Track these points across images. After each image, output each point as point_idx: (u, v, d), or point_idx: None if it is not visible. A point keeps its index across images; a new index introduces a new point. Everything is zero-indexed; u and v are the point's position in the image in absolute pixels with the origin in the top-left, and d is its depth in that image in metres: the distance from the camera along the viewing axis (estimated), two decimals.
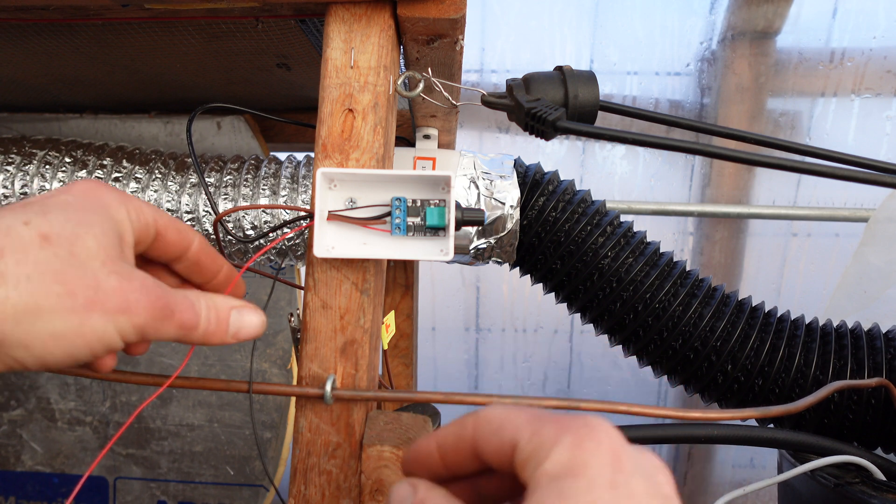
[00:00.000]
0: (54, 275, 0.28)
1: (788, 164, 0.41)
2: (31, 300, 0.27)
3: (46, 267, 0.28)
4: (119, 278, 0.30)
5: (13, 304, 0.27)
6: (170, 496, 0.98)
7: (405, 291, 0.85)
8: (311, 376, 0.41)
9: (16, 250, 0.27)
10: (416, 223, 0.39)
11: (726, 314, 0.65)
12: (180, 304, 0.33)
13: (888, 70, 1.19)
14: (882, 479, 0.58)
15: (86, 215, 0.31)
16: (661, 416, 0.41)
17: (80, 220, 0.30)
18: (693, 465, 1.40)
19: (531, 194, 0.68)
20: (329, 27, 0.43)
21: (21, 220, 0.29)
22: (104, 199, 0.32)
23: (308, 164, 0.72)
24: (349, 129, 0.41)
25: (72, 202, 0.31)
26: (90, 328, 0.29)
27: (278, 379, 0.91)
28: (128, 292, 0.30)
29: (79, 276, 0.29)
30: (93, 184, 0.33)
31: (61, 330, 0.28)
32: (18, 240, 0.28)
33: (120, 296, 0.30)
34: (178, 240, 0.36)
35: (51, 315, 0.28)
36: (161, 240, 0.35)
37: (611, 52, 1.21)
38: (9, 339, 0.27)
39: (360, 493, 0.40)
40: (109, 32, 0.56)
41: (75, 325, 0.28)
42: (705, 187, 1.27)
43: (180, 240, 0.36)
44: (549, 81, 0.46)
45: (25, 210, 0.29)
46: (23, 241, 0.28)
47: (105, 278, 0.29)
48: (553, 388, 1.37)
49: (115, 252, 0.31)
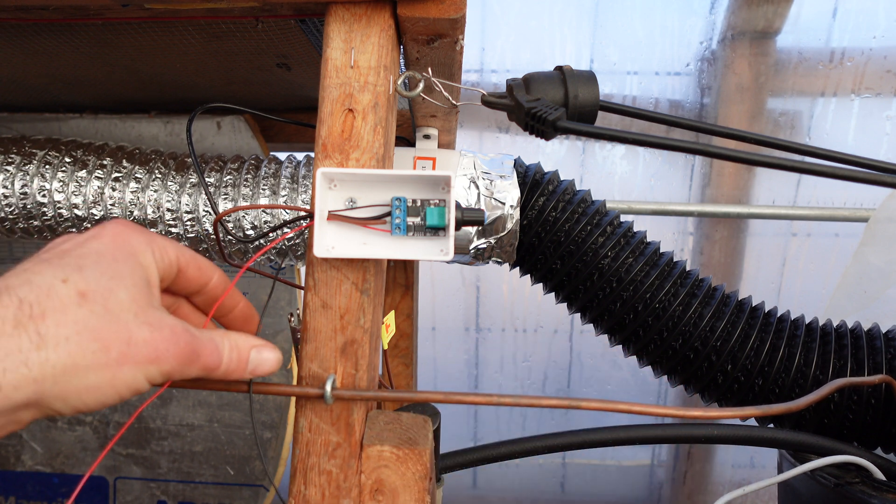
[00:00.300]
0: (91, 332, 0.30)
1: (788, 164, 0.41)
2: (69, 360, 0.30)
3: (84, 326, 0.30)
4: (150, 329, 0.32)
5: (53, 365, 0.29)
6: (170, 496, 0.98)
7: (405, 291, 0.85)
8: (311, 376, 0.41)
9: (56, 311, 0.30)
10: (416, 223, 0.39)
11: (726, 314, 0.65)
12: (206, 347, 0.35)
13: (888, 70, 1.19)
14: (882, 479, 0.58)
15: (117, 267, 0.33)
16: (661, 415, 0.41)
17: (113, 272, 0.32)
18: (693, 464, 1.40)
19: (531, 194, 0.68)
20: (329, 27, 0.43)
21: (60, 279, 0.31)
22: (132, 244, 0.35)
23: (308, 164, 0.72)
24: (349, 129, 0.41)
25: (104, 252, 0.33)
26: (122, 379, 0.31)
27: (278, 379, 0.91)
28: (158, 342, 0.32)
29: (113, 330, 0.31)
30: (121, 227, 0.35)
31: (96, 383, 0.31)
32: (58, 300, 0.30)
33: (151, 347, 0.32)
34: (199, 276, 0.39)
35: (87, 371, 0.30)
36: (182, 276, 0.38)
37: (611, 52, 1.21)
38: (48, 394, 0.30)
39: (360, 492, 0.40)
40: (109, 32, 0.56)
41: (108, 378, 0.31)
42: (705, 187, 1.27)
43: (200, 275, 0.39)
44: (549, 81, 0.46)
45: (63, 265, 0.31)
46: (62, 301, 0.30)
47: (137, 330, 0.32)
48: (553, 388, 1.38)
49: (145, 301, 0.33)
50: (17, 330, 0.29)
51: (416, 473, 0.40)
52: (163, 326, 0.33)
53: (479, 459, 0.60)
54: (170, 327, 0.33)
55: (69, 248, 0.33)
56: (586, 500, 1.44)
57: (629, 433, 0.61)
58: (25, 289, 0.30)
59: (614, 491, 1.44)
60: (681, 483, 1.41)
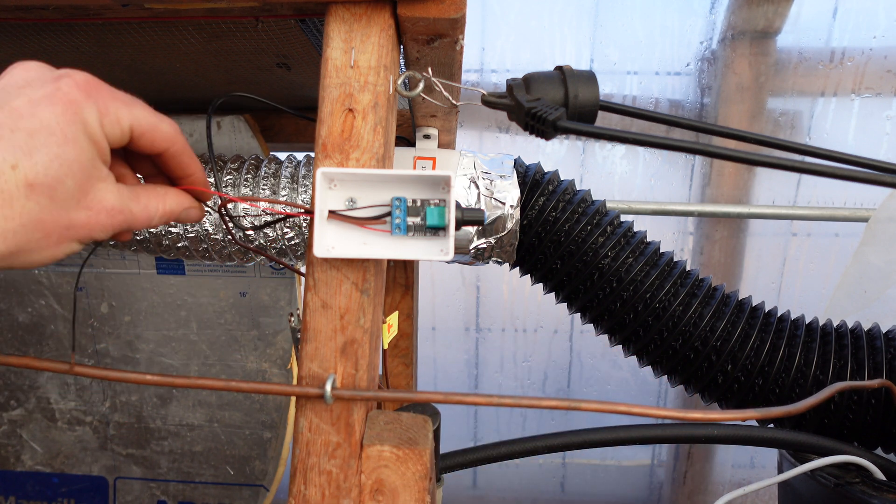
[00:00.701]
0: (35, 224, 0.33)
1: (788, 163, 0.41)
2: (15, 248, 0.33)
3: (29, 218, 0.33)
4: (88, 213, 0.36)
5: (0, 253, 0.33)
6: (170, 496, 0.98)
7: (405, 291, 0.85)
8: (311, 376, 0.41)
9: (4, 203, 0.32)
10: (416, 223, 0.39)
11: (726, 314, 0.65)
12: (138, 218, 0.39)
13: (888, 70, 1.19)
14: (882, 479, 0.58)
15: (67, 149, 0.34)
16: (661, 416, 0.41)
17: (63, 157, 0.34)
18: (693, 465, 1.40)
19: (531, 194, 0.68)
20: (329, 27, 0.43)
21: (10, 164, 0.32)
22: (84, 115, 0.35)
23: (308, 164, 0.72)
24: (349, 128, 0.41)
25: (54, 128, 0.34)
26: (60, 252, 0.36)
27: (278, 379, 0.91)
28: (93, 224, 0.36)
29: (55, 218, 0.34)
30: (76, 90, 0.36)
31: (38, 259, 0.35)
32: (6, 191, 0.32)
33: (87, 228, 0.36)
34: (152, 142, 0.40)
35: (30, 253, 0.34)
36: (136, 143, 0.40)
37: (611, 51, 1.21)
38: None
39: (360, 492, 0.40)
40: (109, 32, 0.56)
41: (49, 255, 0.35)
42: (705, 187, 1.27)
43: (157, 142, 0.40)
44: (549, 81, 0.46)
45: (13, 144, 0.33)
46: (10, 192, 0.32)
47: (76, 215, 0.35)
48: (553, 388, 1.38)
49: (89, 182, 0.36)
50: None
51: (416, 473, 0.40)
52: (100, 210, 0.36)
53: (479, 459, 0.60)
54: (107, 210, 0.36)
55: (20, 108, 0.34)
56: (586, 500, 1.44)
57: (629, 433, 0.61)
58: None
59: (614, 491, 1.44)
60: (681, 483, 1.41)
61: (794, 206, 1.22)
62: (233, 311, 0.90)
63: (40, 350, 0.95)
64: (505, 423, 1.41)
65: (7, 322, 0.95)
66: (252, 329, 0.90)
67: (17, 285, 0.94)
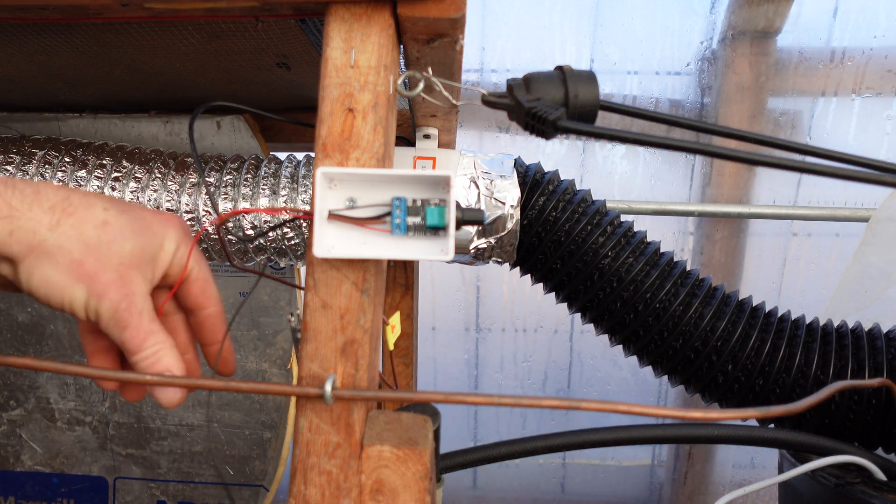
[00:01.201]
0: (82, 250, 0.37)
1: (789, 163, 0.41)
2: (53, 250, 0.36)
3: (83, 244, 0.37)
4: (116, 280, 0.38)
5: (45, 248, 0.36)
6: (170, 496, 0.98)
7: (405, 291, 0.85)
8: (311, 376, 0.41)
9: (80, 221, 0.37)
10: (416, 223, 0.39)
11: (727, 314, 0.65)
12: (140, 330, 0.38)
13: (889, 70, 1.19)
14: (883, 479, 0.58)
15: (144, 232, 0.39)
16: (662, 415, 0.41)
17: (139, 231, 0.39)
18: (693, 465, 1.40)
19: (531, 194, 0.68)
20: (329, 27, 0.43)
21: (103, 206, 0.38)
22: (171, 230, 0.41)
23: (308, 164, 0.72)
24: (349, 128, 0.41)
25: (149, 219, 0.40)
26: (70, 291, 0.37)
27: (278, 379, 0.91)
28: (111, 290, 0.37)
29: (94, 261, 0.37)
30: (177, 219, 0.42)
31: (54, 281, 0.37)
32: (89, 216, 0.37)
33: (103, 288, 0.37)
34: (197, 294, 0.43)
35: (56, 268, 0.36)
36: (185, 286, 0.42)
37: (611, 51, 1.21)
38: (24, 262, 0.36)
39: (360, 493, 0.40)
40: (109, 32, 0.56)
41: (63, 284, 0.37)
42: (705, 187, 1.27)
43: (199, 295, 0.43)
44: (549, 81, 0.46)
45: (115, 203, 0.39)
46: (89, 219, 0.37)
47: (107, 273, 0.37)
48: (553, 388, 1.37)
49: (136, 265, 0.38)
50: (50, 212, 0.36)
51: (416, 473, 0.40)
52: (127, 288, 0.38)
53: (479, 459, 0.60)
54: (130, 295, 0.38)
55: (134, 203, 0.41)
56: (586, 500, 1.44)
57: (629, 433, 0.61)
58: (78, 196, 0.38)
59: (614, 491, 1.44)
60: (681, 483, 1.41)
61: (795, 206, 1.22)
62: (232, 311, 0.90)
63: (40, 350, 0.95)
64: (505, 423, 1.41)
65: (7, 322, 0.95)
66: (252, 329, 0.90)
67: None
